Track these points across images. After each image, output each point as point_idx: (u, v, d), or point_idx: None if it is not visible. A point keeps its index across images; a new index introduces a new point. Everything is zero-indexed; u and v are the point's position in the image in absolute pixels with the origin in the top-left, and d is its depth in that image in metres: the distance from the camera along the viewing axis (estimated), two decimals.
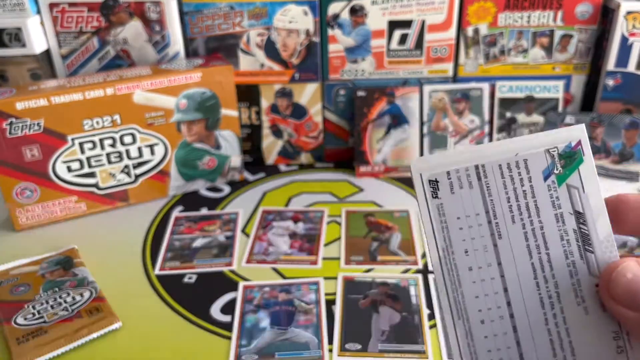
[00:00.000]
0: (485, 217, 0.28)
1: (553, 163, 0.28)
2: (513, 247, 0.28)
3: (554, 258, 0.28)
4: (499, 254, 0.28)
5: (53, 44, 0.83)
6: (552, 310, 0.28)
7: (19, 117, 0.71)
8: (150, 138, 0.78)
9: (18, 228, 0.76)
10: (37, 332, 0.57)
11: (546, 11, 0.82)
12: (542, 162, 0.28)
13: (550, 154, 0.28)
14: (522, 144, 0.28)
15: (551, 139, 0.28)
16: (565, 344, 0.28)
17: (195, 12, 0.83)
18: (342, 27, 0.83)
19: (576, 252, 0.28)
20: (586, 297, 0.28)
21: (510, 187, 0.28)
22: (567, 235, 0.29)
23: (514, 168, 0.28)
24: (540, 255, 0.28)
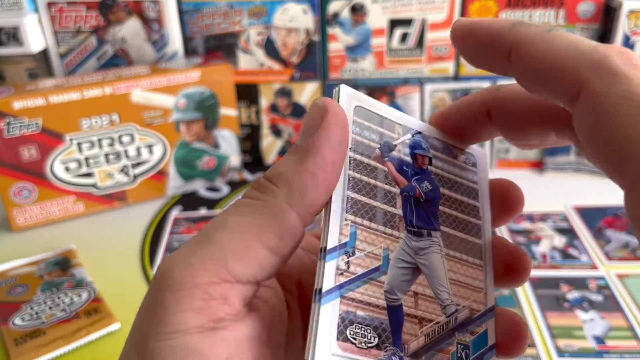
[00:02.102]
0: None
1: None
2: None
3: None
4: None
5: (51, 43, 0.82)
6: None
7: (16, 117, 0.70)
8: (149, 138, 0.78)
9: (15, 228, 0.75)
10: (35, 333, 0.56)
11: (548, 10, 0.81)
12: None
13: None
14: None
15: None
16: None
17: (194, 10, 0.82)
18: (342, 25, 0.82)
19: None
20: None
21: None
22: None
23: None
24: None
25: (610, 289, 0.62)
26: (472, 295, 0.29)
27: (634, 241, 0.69)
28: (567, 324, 0.58)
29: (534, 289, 0.62)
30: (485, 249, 0.30)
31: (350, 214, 0.26)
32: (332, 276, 0.24)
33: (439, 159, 0.31)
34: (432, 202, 0.29)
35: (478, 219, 0.31)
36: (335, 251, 0.25)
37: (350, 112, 0.28)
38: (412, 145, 0.30)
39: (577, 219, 0.74)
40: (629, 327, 0.57)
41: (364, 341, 0.24)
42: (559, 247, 0.69)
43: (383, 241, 0.27)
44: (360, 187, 0.27)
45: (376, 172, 0.28)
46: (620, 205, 0.76)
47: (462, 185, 0.31)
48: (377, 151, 0.28)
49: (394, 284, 0.26)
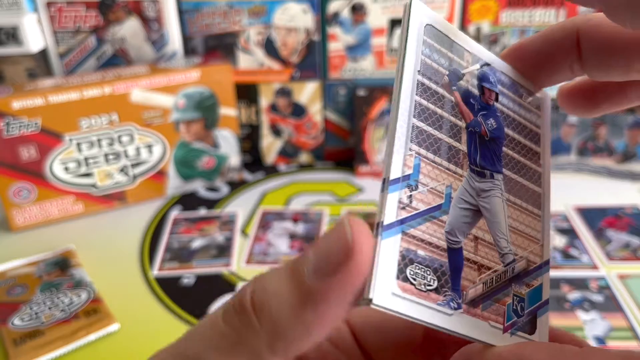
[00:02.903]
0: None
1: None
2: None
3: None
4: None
5: (50, 42, 0.82)
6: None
7: (15, 117, 0.70)
8: (149, 137, 0.78)
9: (14, 228, 0.75)
10: (34, 334, 0.56)
11: (548, 9, 0.81)
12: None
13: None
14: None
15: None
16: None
17: (193, 10, 0.82)
18: (342, 25, 0.82)
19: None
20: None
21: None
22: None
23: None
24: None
25: (610, 290, 0.62)
26: (529, 245, 0.28)
27: (634, 241, 0.69)
28: (568, 325, 0.57)
29: None
30: (544, 199, 0.29)
31: (415, 143, 0.25)
32: (394, 209, 0.23)
33: (505, 96, 0.29)
34: (496, 142, 0.28)
35: (539, 165, 0.30)
36: (398, 182, 0.23)
37: (421, 31, 0.26)
38: (481, 77, 0.28)
39: (578, 219, 0.74)
40: (630, 328, 0.57)
41: (424, 283, 0.23)
42: (560, 248, 0.69)
43: (446, 178, 0.25)
44: (427, 116, 0.25)
45: (443, 101, 0.26)
46: (621, 205, 0.76)
47: (526, 127, 0.30)
48: (446, 78, 0.27)
49: (455, 225, 0.25)
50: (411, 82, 0.25)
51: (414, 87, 0.25)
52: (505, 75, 0.29)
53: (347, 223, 0.21)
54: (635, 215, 0.74)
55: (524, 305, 0.26)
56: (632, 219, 0.73)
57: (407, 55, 0.25)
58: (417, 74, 0.25)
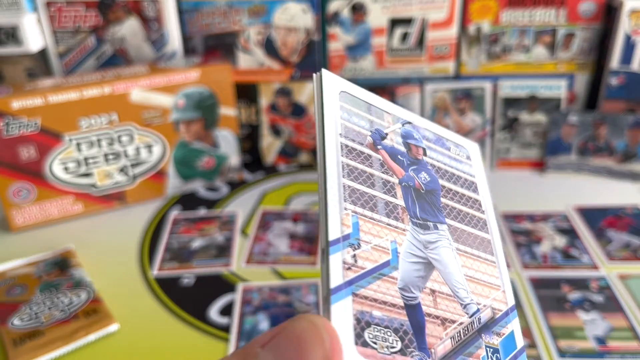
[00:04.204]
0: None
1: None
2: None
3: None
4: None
5: (50, 42, 0.82)
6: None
7: (15, 116, 0.70)
8: (148, 137, 0.78)
9: (14, 229, 0.75)
10: (33, 334, 0.56)
11: (549, 9, 0.81)
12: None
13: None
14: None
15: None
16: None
17: (193, 10, 0.82)
18: (342, 24, 0.82)
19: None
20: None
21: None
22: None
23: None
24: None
25: (611, 290, 0.62)
26: (491, 293, 0.27)
27: (635, 241, 0.69)
28: (568, 325, 0.57)
29: (535, 290, 0.62)
30: (494, 244, 0.29)
31: (349, 202, 0.24)
32: (340, 271, 0.22)
33: (433, 150, 0.29)
34: (432, 194, 0.28)
35: (482, 212, 0.30)
36: (339, 243, 0.22)
37: (336, 97, 0.26)
38: (404, 135, 0.29)
39: (578, 219, 0.74)
40: (630, 328, 0.57)
41: (386, 345, 0.22)
42: (560, 248, 0.69)
43: (389, 233, 0.25)
44: (357, 175, 0.25)
45: (371, 160, 0.26)
46: (621, 205, 0.76)
47: (460, 177, 0.30)
48: (369, 138, 0.27)
49: (408, 280, 0.24)
50: (334, 144, 0.25)
51: (338, 149, 0.25)
52: (428, 132, 0.30)
53: (322, 329, 0.19)
54: (635, 215, 0.74)
55: (500, 356, 0.25)
56: (632, 219, 0.73)
57: (326, 119, 0.25)
58: (340, 137, 0.25)
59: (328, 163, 0.24)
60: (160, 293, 0.64)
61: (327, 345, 0.19)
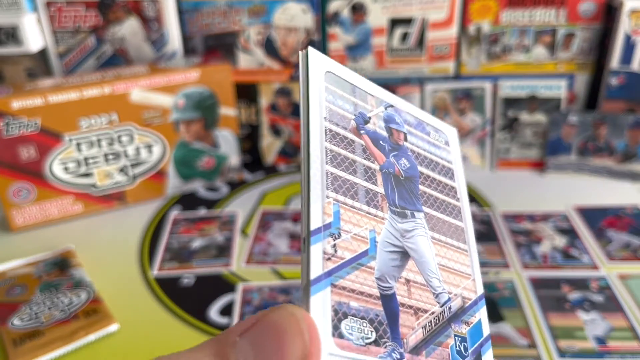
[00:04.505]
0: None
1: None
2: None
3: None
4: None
5: (50, 42, 0.82)
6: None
7: (15, 116, 0.70)
8: (148, 137, 0.78)
9: (14, 229, 0.75)
10: (33, 334, 0.56)
11: (549, 9, 0.81)
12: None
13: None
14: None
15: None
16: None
17: (193, 9, 0.82)
18: (342, 24, 0.82)
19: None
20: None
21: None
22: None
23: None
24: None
25: (611, 290, 0.62)
26: (461, 282, 0.27)
27: (635, 241, 0.69)
28: (569, 325, 0.57)
29: (535, 290, 0.62)
30: (467, 233, 0.29)
31: (331, 190, 0.24)
32: (320, 262, 0.22)
33: (413, 135, 0.29)
34: (411, 180, 0.28)
35: (457, 200, 0.30)
36: (320, 232, 0.22)
37: (321, 78, 0.25)
38: (386, 119, 0.28)
39: (578, 219, 0.74)
40: (630, 328, 0.56)
41: (362, 336, 0.22)
42: (560, 248, 0.69)
43: (368, 222, 0.25)
44: (340, 161, 0.25)
45: (354, 145, 0.26)
46: (622, 205, 0.76)
47: (438, 164, 0.30)
48: (353, 122, 0.26)
49: (385, 270, 0.24)
50: (319, 129, 0.24)
51: (322, 133, 0.24)
52: (410, 115, 0.29)
53: (301, 320, 0.19)
54: (635, 215, 0.74)
55: (467, 345, 0.26)
56: (632, 219, 0.73)
57: (311, 102, 0.25)
58: (324, 120, 0.25)
59: (312, 148, 0.24)
60: (160, 293, 0.64)
61: (306, 336, 0.19)
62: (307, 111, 0.25)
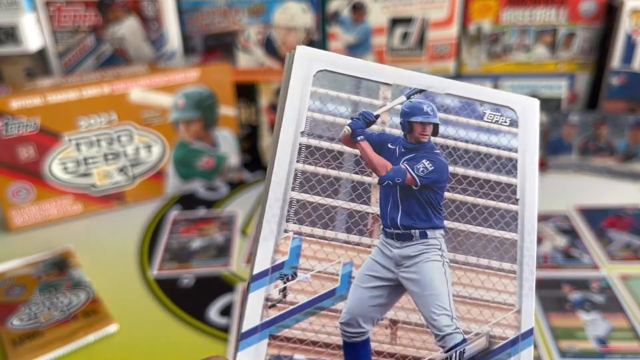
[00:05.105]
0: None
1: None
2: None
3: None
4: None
5: (49, 42, 0.82)
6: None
7: (14, 116, 0.69)
8: (148, 137, 0.77)
9: (13, 229, 0.75)
10: (33, 334, 0.56)
11: (549, 9, 0.81)
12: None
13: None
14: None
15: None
16: None
17: (193, 9, 0.82)
18: (342, 24, 0.82)
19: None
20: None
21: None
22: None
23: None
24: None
25: (612, 290, 0.61)
26: (495, 315, 0.22)
27: (635, 242, 0.69)
28: (569, 325, 0.57)
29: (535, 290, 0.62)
30: (523, 246, 0.23)
31: (293, 222, 0.21)
32: (258, 311, 0.19)
33: (451, 123, 0.23)
34: (432, 189, 0.23)
35: (514, 202, 0.23)
36: (265, 276, 0.19)
37: (308, 82, 0.22)
38: (407, 112, 0.23)
39: (579, 220, 0.74)
40: (631, 328, 0.56)
41: None
42: (561, 248, 0.69)
43: (344, 254, 0.21)
44: (314, 184, 0.21)
45: (341, 158, 0.22)
46: (622, 205, 0.76)
47: (490, 156, 0.24)
48: (347, 129, 0.22)
49: (358, 312, 0.20)
50: (290, 147, 0.21)
51: (293, 153, 0.21)
52: (453, 97, 0.24)
53: None
54: (636, 215, 0.74)
55: None
56: (633, 219, 0.73)
57: (286, 116, 0.21)
58: (301, 136, 0.21)
59: (275, 173, 0.21)
60: (159, 293, 0.63)
61: None
62: (279, 125, 0.22)
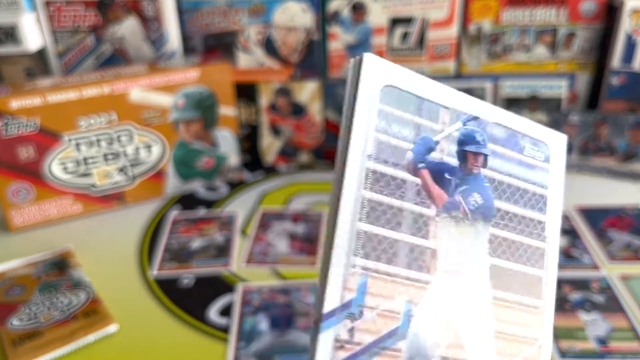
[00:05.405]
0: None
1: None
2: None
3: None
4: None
5: (49, 42, 0.82)
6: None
7: (14, 116, 0.69)
8: (148, 137, 0.77)
9: (13, 229, 0.75)
10: (33, 335, 0.56)
11: (549, 8, 0.81)
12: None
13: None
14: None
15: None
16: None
17: (193, 9, 0.82)
18: (342, 24, 0.82)
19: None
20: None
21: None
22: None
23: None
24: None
25: (612, 290, 0.61)
26: (519, 350, 0.21)
27: (636, 242, 0.69)
28: (569, 325, 0.57)
29: None
30: (547, 282, 0.23)
31: (360, 256, 0.19)
32: (328, 352, 0.18)
33: (498, 155, 0.22)
34: (480, 222, 0.22)
35: (542, 239, 0.24)
36: (334, 316, 0.18)
37: (375, 98, 0.20)
38: (462, 139, 0.22)
39: (579, 220, 0.73)
40: (631, 328, 0.56)
41: None
42: (561, 248, 0.69)
43: (405, 290, 0.20)
44: (379, 214, 0.20)
45: (404, 187, 0.20)
46: (623, 205, 0.76)
47: (527, 192, 0.23)
48: (409, 155, 0.21)
49: (417, 350, 0.20)
50: (357, 172, 0.19)
51: (360, 180, 0.19)
52: (500, 127, 0.23)
53: None
54: (636, 215, 0.74)
55: None
56: (633, 219, 0.73)
57: (354, 136, 0.19)
58: (368, 159, 0.19)
59: (343, 202, 0.19)
60: (159, 293, 0.63)
61: None
62: (346, 146, 0.19)
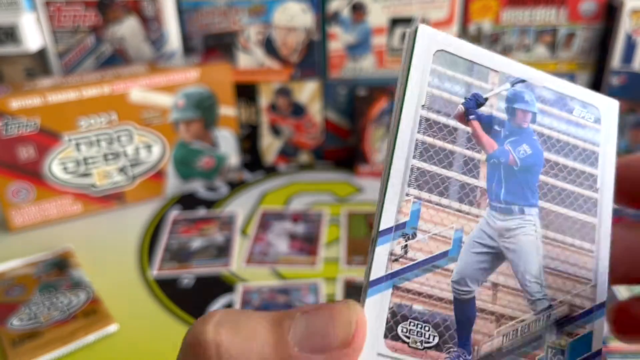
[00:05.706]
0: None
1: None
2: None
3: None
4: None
5: (49, 42, 0.82)
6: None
7: (14, 116, 0.69)
8: (148, 137, 0.77)
9: (13, 229, 0.75)
10: (33, 335, 0.56)
11: (549, 9, 0.81)
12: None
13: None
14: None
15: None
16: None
17: (193, 9, 0.82)
18: (342, 24, 0.82)
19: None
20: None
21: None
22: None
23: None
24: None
25: (611, 290, 0.61)
26: (575, 287, 0.24)
27: None
28: None
29: None
30: (600, 230, 0.26)
31: (414, 187, 0.23)
32: (384, 263, 0.21)
33: (547, 114, 0.25)
34: (529, 171, 0.25)
35: (594, 190, 0.26)
36: (390, 233, 0.22)
37: (428, 60, 0.24)
38: (511, 98, 0.25)
39: None
40: None
41: (420, 340, 0.21)
42: None
43: (456, 221, 0.23)
44: (432, 155, 0.23)
45: (455, 134, 0.24)
46: None
47: (577, 147, 0.26)
48: (461, 107, 0.24)
49: (467, 273, 0.23)
50: (412, 119, 0.23)
51: (415, 124, 0.23)
52: (549, 90, 0.26)
53: (352, 311, 0.20)
54: (636, 215, 0.74)
55: (563, 358, 0.23)
56: (633, 220, 0.73)
57: (409, 89, 0.23)
58: (421, 109, 0.23)
59: (399, 141, 0.23)
60: (159, 293, 0.63)
61: (351, 330, 0.20)
62: (402, 98, 0.23)
